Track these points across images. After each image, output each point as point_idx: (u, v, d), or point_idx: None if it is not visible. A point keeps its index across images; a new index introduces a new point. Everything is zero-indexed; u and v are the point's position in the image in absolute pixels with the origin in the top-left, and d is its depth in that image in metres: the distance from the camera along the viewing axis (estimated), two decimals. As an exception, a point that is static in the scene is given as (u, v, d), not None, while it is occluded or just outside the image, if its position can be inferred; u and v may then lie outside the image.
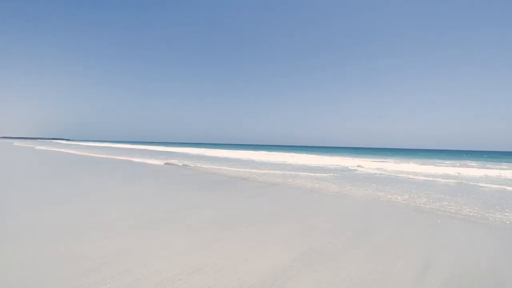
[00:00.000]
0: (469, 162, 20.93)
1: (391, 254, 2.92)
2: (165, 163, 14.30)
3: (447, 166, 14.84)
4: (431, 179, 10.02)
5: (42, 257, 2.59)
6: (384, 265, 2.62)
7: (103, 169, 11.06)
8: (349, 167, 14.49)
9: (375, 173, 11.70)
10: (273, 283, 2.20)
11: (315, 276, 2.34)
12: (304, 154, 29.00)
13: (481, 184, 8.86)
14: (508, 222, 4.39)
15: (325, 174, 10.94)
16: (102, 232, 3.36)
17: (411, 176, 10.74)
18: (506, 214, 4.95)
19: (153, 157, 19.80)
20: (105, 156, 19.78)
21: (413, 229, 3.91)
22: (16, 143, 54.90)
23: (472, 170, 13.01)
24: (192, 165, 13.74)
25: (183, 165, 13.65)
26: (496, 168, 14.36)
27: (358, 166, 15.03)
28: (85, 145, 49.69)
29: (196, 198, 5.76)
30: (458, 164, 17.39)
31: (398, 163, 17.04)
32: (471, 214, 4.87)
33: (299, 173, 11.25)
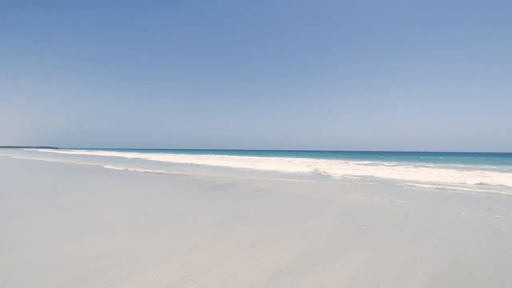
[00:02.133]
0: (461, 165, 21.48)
1: (390, 252, 2.98)
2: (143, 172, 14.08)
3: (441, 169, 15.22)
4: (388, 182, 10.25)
5: (42, 259, 2.54)
6: (384, 264, 2.66)
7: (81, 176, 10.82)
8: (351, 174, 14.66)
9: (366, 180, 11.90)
10: (274, 282, 2.20)
11: (316, 275, 2.35)
12: (301, 159, 29.22)
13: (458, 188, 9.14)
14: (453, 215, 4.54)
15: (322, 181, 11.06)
16: (103, 233, 3.33)
17: (412, 184, 10.99)
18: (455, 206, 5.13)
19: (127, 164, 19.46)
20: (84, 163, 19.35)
21: (407, 227, 4.01)
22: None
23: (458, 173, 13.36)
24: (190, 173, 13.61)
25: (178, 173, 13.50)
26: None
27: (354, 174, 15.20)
28: (69, 154, 47.82)
29: (195, 200, 5.79)
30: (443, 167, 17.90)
31: (387, 167, 17.33)
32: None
33: (294, 180, 11.34)
